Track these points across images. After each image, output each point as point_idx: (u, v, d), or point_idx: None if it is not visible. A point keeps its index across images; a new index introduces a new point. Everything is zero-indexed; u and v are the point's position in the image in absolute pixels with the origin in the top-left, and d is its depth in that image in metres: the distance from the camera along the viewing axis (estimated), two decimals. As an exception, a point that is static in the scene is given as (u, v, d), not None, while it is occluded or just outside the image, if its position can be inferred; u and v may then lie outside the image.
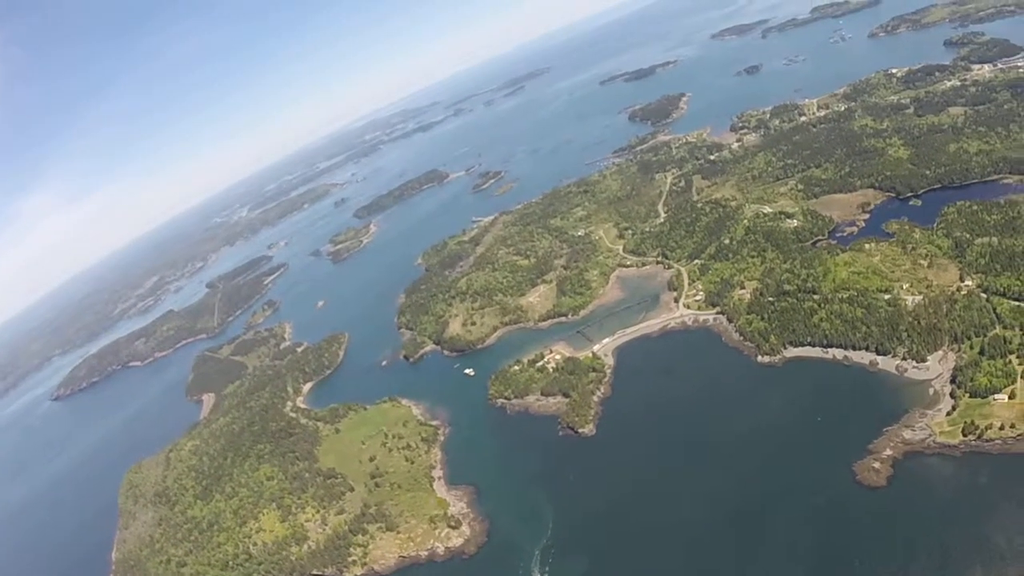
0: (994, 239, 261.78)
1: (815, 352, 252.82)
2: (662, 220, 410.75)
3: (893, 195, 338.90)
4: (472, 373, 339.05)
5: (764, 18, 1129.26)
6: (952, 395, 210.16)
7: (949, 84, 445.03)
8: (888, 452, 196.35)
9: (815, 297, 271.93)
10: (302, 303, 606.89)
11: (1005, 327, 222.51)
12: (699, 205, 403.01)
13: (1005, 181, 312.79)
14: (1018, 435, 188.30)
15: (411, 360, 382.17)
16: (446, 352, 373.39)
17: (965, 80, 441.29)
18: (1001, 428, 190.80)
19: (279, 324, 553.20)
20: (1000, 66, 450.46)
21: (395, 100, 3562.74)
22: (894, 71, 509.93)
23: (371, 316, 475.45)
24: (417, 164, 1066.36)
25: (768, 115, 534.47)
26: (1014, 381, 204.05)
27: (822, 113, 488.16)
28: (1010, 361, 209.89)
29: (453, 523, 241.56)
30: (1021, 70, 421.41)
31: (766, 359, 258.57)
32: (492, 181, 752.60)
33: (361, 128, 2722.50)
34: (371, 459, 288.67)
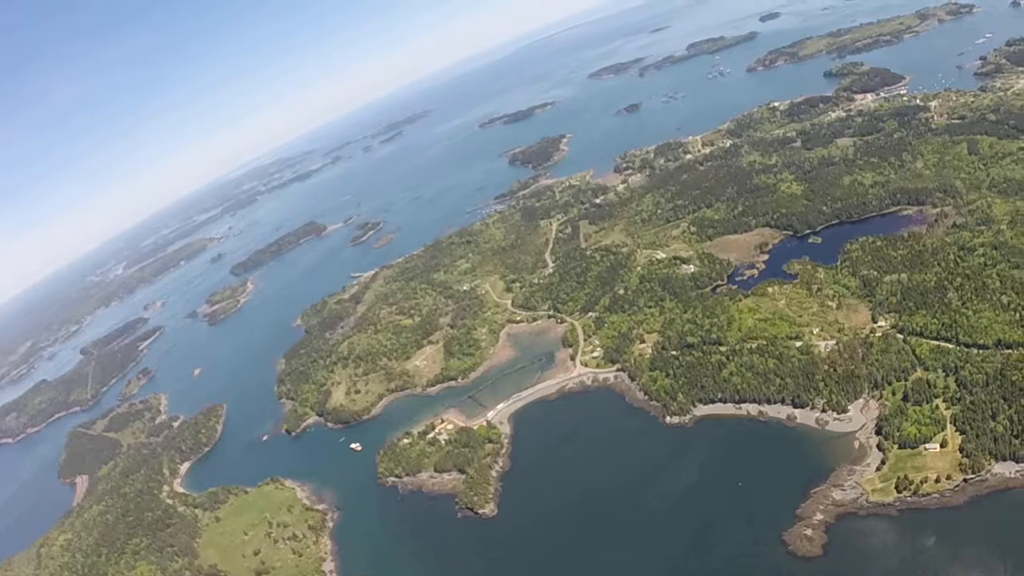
0: (903, 275, 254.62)
1: (727, 409, 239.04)
2: (551, 270, 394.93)
3: (791, 233, 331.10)
4: (359, 447, 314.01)
5: (640, 56, 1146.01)
6: (879, 447, 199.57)
7: (834, 115, 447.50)
8: (819, 516, 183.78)
9: (722, 349, 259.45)
10: (178, 370, 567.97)
11: (927, 369, 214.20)
12: (588, 253, 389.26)
13: (904, 213, 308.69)
14: (956, 487, 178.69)
15: (293, 434, 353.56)
16: (330, 424, 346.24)
17: (850, 111, 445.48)
18: (937, 480, 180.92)
19: (154, 395, 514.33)
20: (883, 95, 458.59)
21: (272, 148, 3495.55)
22: (776, 104, 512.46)
23: (250, 384, 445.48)
24: (295, 215, 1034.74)
25: (652, 154, 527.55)
26: (944, 428, 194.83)
27: (707, 150, 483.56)
28: (937, 406, 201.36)
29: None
30: (904, 98, 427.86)
31: (675, 419, 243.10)
32: (371, 232, 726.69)
33: (238, 178, 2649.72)
34: (255, 552, 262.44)
